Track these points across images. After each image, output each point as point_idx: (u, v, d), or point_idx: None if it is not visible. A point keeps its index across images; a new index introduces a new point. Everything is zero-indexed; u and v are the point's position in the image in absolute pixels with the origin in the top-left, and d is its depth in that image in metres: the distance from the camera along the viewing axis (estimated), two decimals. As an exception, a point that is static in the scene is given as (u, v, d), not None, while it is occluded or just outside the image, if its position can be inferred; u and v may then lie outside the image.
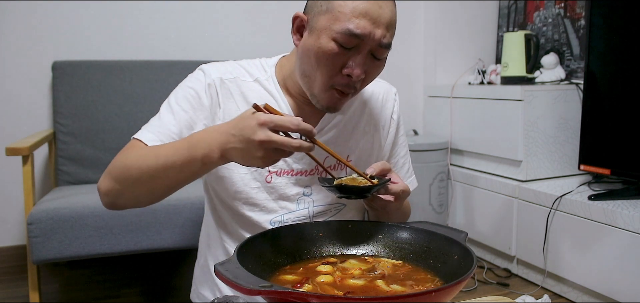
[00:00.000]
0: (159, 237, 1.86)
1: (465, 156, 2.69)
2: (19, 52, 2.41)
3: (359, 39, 0.90)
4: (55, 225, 1.75)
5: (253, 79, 1.03)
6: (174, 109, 0.97)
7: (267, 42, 2.77)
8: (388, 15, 0.92)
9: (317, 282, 0.74)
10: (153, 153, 0.88)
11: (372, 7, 0.90)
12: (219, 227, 1.07)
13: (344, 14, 0.89)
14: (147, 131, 0.94)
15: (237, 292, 0.60)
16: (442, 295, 0.63)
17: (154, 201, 0.92)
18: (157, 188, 0.89)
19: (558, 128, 2.37)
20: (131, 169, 0.88)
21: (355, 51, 0.91)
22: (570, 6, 2.61)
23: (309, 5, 0.97)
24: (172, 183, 0.88)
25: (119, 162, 0.91)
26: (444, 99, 2.80)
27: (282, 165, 1.01)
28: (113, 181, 0.91)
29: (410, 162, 1.20)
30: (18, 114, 2.42)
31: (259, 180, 1.00)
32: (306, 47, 0.94)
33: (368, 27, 0.89)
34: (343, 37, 0.89)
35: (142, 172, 0.87)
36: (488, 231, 2.50)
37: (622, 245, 1.82)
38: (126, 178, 0.89)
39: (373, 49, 0.92)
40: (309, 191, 1.03)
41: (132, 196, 0.91)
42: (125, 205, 0.93)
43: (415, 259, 0.83)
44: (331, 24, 0.90)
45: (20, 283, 2.23)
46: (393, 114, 1.14)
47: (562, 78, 2.52)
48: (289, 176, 1.02)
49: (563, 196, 2.06)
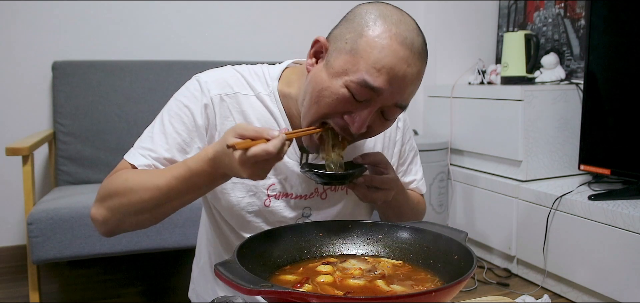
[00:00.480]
0: (159, 237, 1.86)
1: (465, 156, 2.69)
2: (19, 52, 2.41)
3: (374, 92, 0.81)
4: (55, 225, 1.75)
5: (254, 94, 0.96)
6: (166, 130, 0.92)
7: (267, 42, 2.77)
8: (414, 74, 0.82)
9: (317, 282, 0.74)
10: (152, 183, 0.84)
11: (398, 64, 0.80)
12: (216, 231, 1.06)
13: (365, 62, 0.80)
14: (139, 153, 0.91)
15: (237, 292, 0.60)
16: (442, 295, 0.63)
17: (157, 222, 0.90)
18: (162, 214, 0.88)
19: (558, 128, 2.37)
20: (131, 199, 0.85)
21: (365, 104, 0.83)
22: (570, 6, 2.61)
23: (333, 35, 0.87)
24: (177, 206, 0.87)
25: (112, 190, 0.87)
26: (444, 99, 2.80)
27: (280, 189, 0.98)
28: (110, 212, 0.87)
29: (420, 165, 1.15)
30: (18, 114, 2.42)
31: (258, 204, 0.97)
32: (317, 77, 0.85)
33: (387, 88, 0.80)
34: (357, 87, 0.80)
35: (144, 202, 0.85)
36: (488, 231, 2.50)
37: (622, 245, 1.82)
38: (126, 207, 0.86)
39: (385, 107, 0.84)
40: (308, 212, 1.00)
41: (133, 223, 0.89)
42: (126, 230, 0.91)
43: (415, 259, 0.83)
44: (349, 68, 0.81)
45: (20, 283, 2.23)
46: (398, 122, 1.08)
47: (562, 78, 2.52)
48: (288, 199, 0.98)
49: (563, 196, 2.06)
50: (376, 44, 0.80)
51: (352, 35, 0.83)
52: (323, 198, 1.01)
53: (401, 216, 1.06)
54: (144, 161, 0.90)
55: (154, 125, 0.94)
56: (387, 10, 0.83)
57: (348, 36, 0.83)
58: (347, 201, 1.03)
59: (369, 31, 0.81)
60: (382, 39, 0.80)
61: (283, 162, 0.95)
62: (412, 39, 0.82)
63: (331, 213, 1.01)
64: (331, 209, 1.01)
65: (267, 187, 0.97)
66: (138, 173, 0.88)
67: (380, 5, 0.85)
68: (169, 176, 0.83)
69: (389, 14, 0.83)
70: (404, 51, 0.80)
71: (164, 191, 0.83)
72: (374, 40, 0.80)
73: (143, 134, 0.94)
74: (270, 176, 0.96)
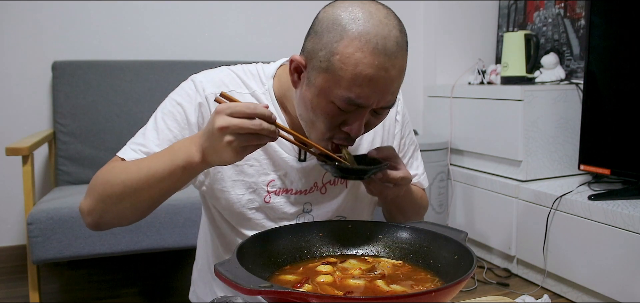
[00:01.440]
0: (159, 237, 1.86)
1: (465, 156, 2.69)
2: (19, 52, 2.41)
3: (360, 107, 0.82)
4: (55, 225, 1.75)
5: (249, 92, 0.97)
6: (159, 126, 0.93)
7: (266, 42, 2.77)
8: (395, 74, 0.81)
9: (317, 282, 0.74)
10: (135, 166, 0.85)
11: (378, 73, 0.78)
12: (216, 233, 1.06)
13: (344, 80, 0.79)
14: (130, 148, 0.92)
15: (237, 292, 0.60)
16: (442, 295, 0.63)
17: (139, 217, 0.89)
18: (141, 201, 0.85)
19: (558, 128, 2.37)
20: (114, 185, 0.85)
21: (356, 113, 0.83)
22: (570, 6, 2.61)
23: (307, 51, 0.84)
24: (156, 195, 0.85)
25: (99, 180, 0.88)
26: (444, 99, 2.80)
27: (280, 185, 0.98)
28: (95, 201, 0.88)
29: (421, 160, 1.15)
30: (18, 114, 2.42)
31: (258, 201, 0.97)
32: (304, 99, 0.85)
33: (372, 97, 0.80)
34: (343, 104, 0.81)
35: (125, 186, 0.84)
36: (488, 231, 2.50)
37: (622, 245, 1.82)
38: (109, 195, 0.86)
39: (376, 109, 0.85)
40: (309, 207, 1.00)
41: (116, 213, 0.88)
42: (110, 223, 0.90)
43: (415, 259, 0.83)
44: (330, 86, 0.80)
45: (20, 283, 2.23)
46: (397, 115, 1.09)
47: (562, 78, 2.52)
48: (288, 195, 0.98)
49: (563, 196, 2.06)
50: (350, 61, 0.78)
51: (324, 53, 0.80)
52: (323, 192, 1.01)
53: (405, 211, 1.06)
54: (135, 155, 0.90)
55: (148, 123, 0.95)
56: (352, 13, 0.80)
57: (321, 54, 0.81)
58: (347, 195, 1.03)
59: (339, 47, 0.79)
60: (355, 53, 0.78)
61: (282, 158, 0.96)
62: (384, 41, 0.79)
63: (331, 207, 1.01)
64: (331, 203, 1.01)
65: (267, 183, 0.97)
66: (124, 163, 0.89)
67: (341, 5, 0.82)
68: (151, 158, 0.85)
69: (355, 17, 0.79)
70: (379, 59, 0.78)
71: (143, 172, 0.83)
72: (346, 57, 0.78)
73: (137, 133, 0.95)
74: (269, 172, 0.97)
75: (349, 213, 1.04)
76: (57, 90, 2.31)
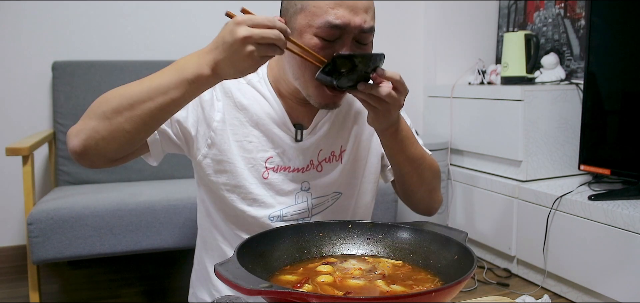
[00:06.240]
0: (159, 237, 1.86)
1: (465, 156, 2.69)
2: (19, 52, 2.41)
3: (340, 29, 0.89)
4: (55, 225, 1.75)
5: (246, 81, 1.02)
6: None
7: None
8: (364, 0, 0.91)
9: (317, 282, 0.74)
10: (136, 82, 0.84)
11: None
12: (214, 229, 1.06)
13: (320, 8, 0.89)
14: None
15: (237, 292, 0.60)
16: (442, 295, 0.63)
17: (131, 138, 0.84)
18: (139, 116, 0.82)
19: (558, 128, 2.37)
20: (110, 99, 0.84)
21: (340, 43, 0.91)
22: (570, 6, 2.61)
23: (283, 7, 0.96)
24: (156, 110, 0.82)
25: (95, 100, 0.87)
26: (444, 99, 2.80)
27: (279, 162, 1.01)
28: (87, 118, 0.85)
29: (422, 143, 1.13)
30: (18, 114, 2.42)
31: (256, 177, 1.00)
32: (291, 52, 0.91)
33: (347, 16, 0.89)
34: (324, 30, 0.89)
35: (123, 98, 0.82)
36: (488, 231, 2.50)
37: (622, 245, 1.82)
38: (104, 110, 0.83)
39: (356, 36, 0.92)
40: (306, 186, 1.03)
41: (108, 130, 0.83)
42: (98, 146, 0.84)
43: (415, 259, 0.83)
44: (310, 21, 0.90)
45: (20, 283, 2.23)
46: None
47: (562, 78, 2.52)
48: (285, 173, 1.02)
49: (563, 196, 2.06)
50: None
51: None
52: (319, 171, 1.05)
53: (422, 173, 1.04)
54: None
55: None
56: None
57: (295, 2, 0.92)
58: (343, 170, 1.06)
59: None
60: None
61: (279, 136, 1.01)
62: None
63: (328, 183, 1.05)
64: (328, 179, 1.05)
65: (265, 160, 1.01)
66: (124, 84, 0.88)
67: None
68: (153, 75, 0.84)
69: None
70: None
71: (144, 86, 0.83)
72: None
73: None
74: (268, 149, 1.01)
75: (345, 188, 1.07)
76: (57, 90, 2.31)
